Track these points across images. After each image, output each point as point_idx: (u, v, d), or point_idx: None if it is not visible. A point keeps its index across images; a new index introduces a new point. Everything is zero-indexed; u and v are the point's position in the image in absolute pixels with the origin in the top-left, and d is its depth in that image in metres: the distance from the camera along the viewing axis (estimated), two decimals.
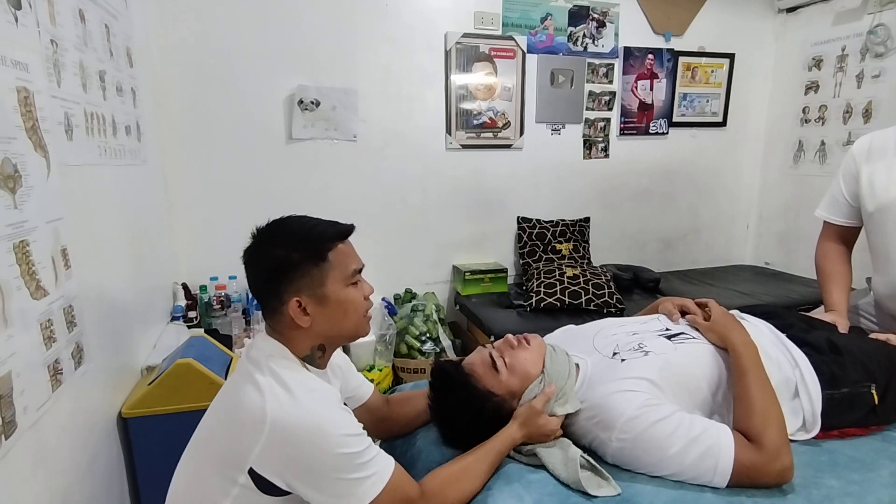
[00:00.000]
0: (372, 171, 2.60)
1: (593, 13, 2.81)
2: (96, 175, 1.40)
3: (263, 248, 0.89)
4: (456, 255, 2.85)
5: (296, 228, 0.90)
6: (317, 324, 0.89)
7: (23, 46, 1.02)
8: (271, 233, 0.90)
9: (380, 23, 2.49)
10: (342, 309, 0.90)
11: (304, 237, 0.89)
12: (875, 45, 2.65)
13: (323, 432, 0.79)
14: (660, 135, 3.10)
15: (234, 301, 2.26)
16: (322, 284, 0.88)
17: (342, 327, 0.92)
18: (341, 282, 0.90)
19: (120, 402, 1.46)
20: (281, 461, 0.80)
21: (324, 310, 0.89)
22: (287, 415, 0.79)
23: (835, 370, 1.11)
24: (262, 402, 0.80)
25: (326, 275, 0.88)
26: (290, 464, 0.80)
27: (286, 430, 0.78)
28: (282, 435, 0.78)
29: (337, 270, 0.89)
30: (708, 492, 0.91)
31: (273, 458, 0.79)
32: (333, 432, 0.80)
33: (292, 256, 0.87)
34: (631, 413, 0.95)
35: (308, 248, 0.88)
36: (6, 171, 0.93)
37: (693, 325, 1.19)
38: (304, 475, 0.80)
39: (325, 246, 0.89)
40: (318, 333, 0.91)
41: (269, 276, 0.88)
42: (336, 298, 0.89)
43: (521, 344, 1.10)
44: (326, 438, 0.79)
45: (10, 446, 0.90)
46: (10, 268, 0.92)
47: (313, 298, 0.88)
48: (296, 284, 0.87)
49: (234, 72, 2.31)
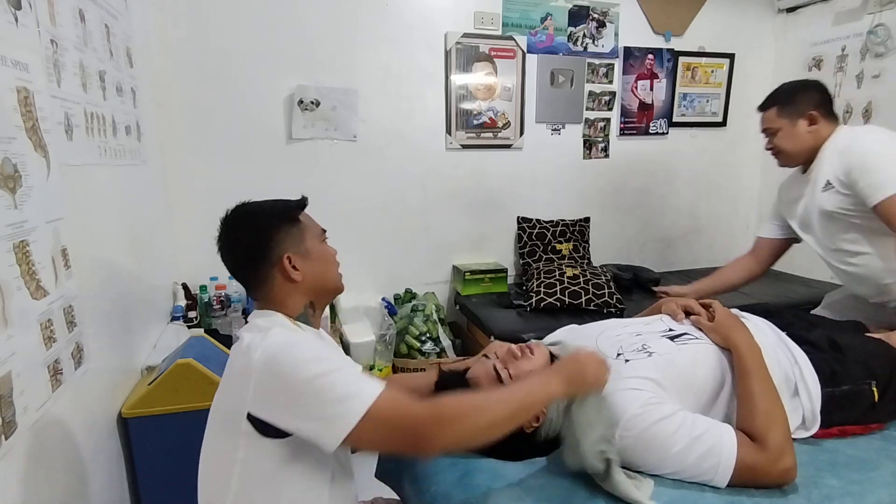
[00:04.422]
0: (372, 171, 2.60)
1: (593, 13, 2.81)
2: (96, 175, 1.40)
3: (241, 227, 0.97)
4: (456, 255, 2.84)
5: (262, 206, 1.00)
6: (306, 277, 0.96)
7: (23, 46, 1.02)
8: (240, 216, 0.98)
9: (380, 23, 2.49)
10: (324, 261, 1.01)
11: (273, 209, 0.99)
12: (875, 45, 2.64)
13: (297, 355, 0.82)
14: (660, 135, 3.10)
15: (234, 301, 2.26)
16: (303, 241, 0.98)
17: (326, 279, 1.01)
18: (316, 238, 1.01)
19: (120, 402, 1.46)
20: (269, 396, 0.82)
21: (309, 263, 0.97)
22: (268, 350, 0.83)
23: (835, 368, 1.12)
24: (248, 351, 0.84)
25: (304, 233, 0.98)
26: (276, 395, 0.81)
27: (268, 364, 0.81)
28: (264, 369, 0.81)
29: (309, 230, 1.00)
30: (708, 491, 0.91)
31: (262, 395, 0.82)
32: (308, 355, 0.82)
33: (272, 222, 0.96)
34: (634, 411, 0.95)
35: (282, 214, 0.98)
36: (6, 171, 0.93)
37: (697, 325, 1.19)
38: (290, 404, 0.80)
39: (294, 212, 1.00)
40: (308, 287, 0.98)
41: (255, 247, 0.95)
42: (317, 252, 0.99)
43: (524, 354, 1.07)
44: (301, 361, 0.81)
45: (10, 446, 0.90)
46: (10, 268, 0.92)
47: (299, 254, 0.96)
48: (282, 245, 0.95)
49: (234, 72, 2.31)
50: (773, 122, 1.61)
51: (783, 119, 1.59)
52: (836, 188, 1.52)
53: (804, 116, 1.57)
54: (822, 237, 1.64)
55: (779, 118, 1.60)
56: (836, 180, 1.51)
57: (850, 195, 1.48)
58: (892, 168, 1.41)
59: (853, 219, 1.51)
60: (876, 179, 1.40)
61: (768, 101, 1.63)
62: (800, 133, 1.58)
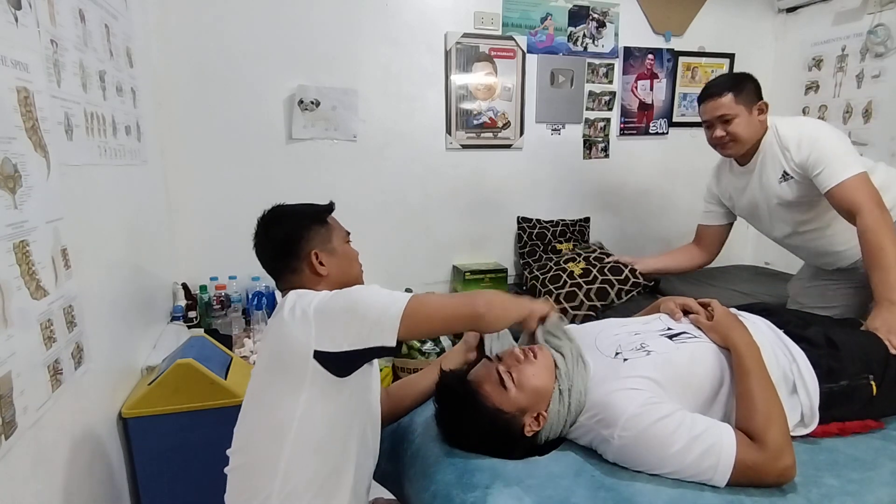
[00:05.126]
0: (372, 171, 2.60)
1: (593, 13, 2.81)
2: (96, 175, 1.40)
3: (275, 226, 1.12)
4: (456, 255, 2.84)
5: (295, 208, 1.16)
6: (332, 272, 1.10)
7: (23, 46, 1.02)
8: (276, 216, 1.14)
9: (380, 23, 2.49)
10: (348, 259, 1.15)
11: (305, 211, 1.15)
12: (875, 45, 2.64)
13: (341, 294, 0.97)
14: (660, 135, 3.10)
15: (234, 301, 2.26)
16: (329, 240, 1.12)
17: (349, 275, 1.14)
18: (341, 239, 1.15)
19: (120, 402, 1.46)
20: (331, 329, 0.92)
21: (335, 260, 1.11)
22: (320, 298, 0.97)
23: (832, 364, 1.12)
24: (302, 303, 0.96)
25: (331, 233, 1.13)
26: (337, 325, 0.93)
27: (324, 303, 0.95)
28: (321, 308, 0.94)
29: (336, 231, 1.15)
30: (707, 491, 0.91)
31: (327, 332, 0.92)
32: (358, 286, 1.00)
33: (303, 223, 1.11)
34: (633, 411, 0.95)
35: (312, 216, 1.13)
36: (6, 171, 0.93)
37: (695, 324, 1.19)
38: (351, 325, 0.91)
39: (323, 214, 1.15)
40: (333, 281, 1.09)
41: (288, 243, 1.09)
42: (342, 251, 1.14)
43: (527, 358, 1.07)
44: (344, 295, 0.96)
45: (10, 446, 0.90)
46: (10, 268, 0.92)
47: (325, 251, 1.10)
48: (311, 243, 1.09)
49: (235, 72, 2.31)
50: (732, 109, 1.59)
51: (740, 105, 1.59)
52: (795, 178, 1.57)
53: (756, 106, 1.60)
54: (778, 224, 1.71)
55: (736, 104, 1.59)
56: (793, 171, 1.57)
57: (807, 183, 1.55)
58: (844, 156, 1.50)
59: (813, 201, 1.58)
60: (831, 167, 1.49)
61: (718, 88, 1.61)
62: (753, 121, 1.61)
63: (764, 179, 1.66)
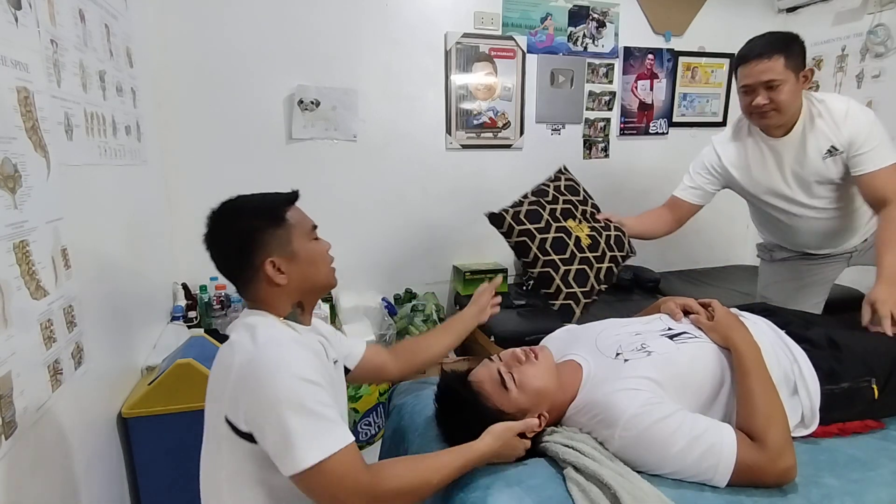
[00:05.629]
0: (372, 171, 2.60)
1: (593, 13, 2.81)
2: (96, 175, 1.40)
3: (225, 227, 0.95)
4: (456, 255, 2.84)
5: (249, 202, 0.96)
6: (292, 280, 0.94)
7: (23, 46, 1.02)
8: (227, 212, 0.96)
9: (380, 23, 2.49)
10: (311, 261, 0.97)
11: (259, 207, 0.95)
12: (875, 45, 2.64)
13: (275, 369, 0.80)
14: (660, 135, 3.10)
15: (234, 301, 2.26)
16: (289, 243, 0.94)
17: (315, 279, 0.98)
18: (304, 237, 0.97)
19: (120, 402, 1.46)
20: (240, 401, 0.81)
21: (296, 265, 0.94)
22: (247, 355, 0.82)
23: (834, 365, 1.12)
24: (231, 353, 0.84)
25: (290, 234, 0.94)
26: (245, 402, 0.80)
27: (244, 369, 0.81)
28: (240, 374, 0.81)
29: (298, 228, 0.96)
30: (708, 491, 0.91)
31: (235, 400, 0.81)
32: (285, 372, 0.80)
33: (255, 224, 0.93)
34: (634, 410, 0.95)
35: (267, 214, 0.94)
36: (6, 171, 0.93)
37: (696, 324, 1.19)
38: (254, 415, 0.80)
39: (281, 210, 0.95)
40: (295, 289, 0.95)
41: (240, 248, 0.93)
42: (304, 253, 0.95)
43: (528, 358, 1.07)
44: (277, 376, 0.79)
45: (10, 446, 0.90)
46: (10, 268, 0.92)
47: (284, 257, 0.93)
48: (266, 248, 0.92)
49: (235, 72, 2.31)
50: (781, 74, 1.39)
51: (790, 71, 1.40)
52: (837, 155, 1.48)
53: (803, 73, 1.43)
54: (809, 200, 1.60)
55: (786, 70, 1.39)
56: (841, 146, 1.47)
57: (844, 162, 1.50)
58: (889, 142, 1.46)
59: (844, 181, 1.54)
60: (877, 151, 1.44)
61: (768, 49, 1.40)
62: (799, 90, 1.45)
63: (807, 153, 1.51)
